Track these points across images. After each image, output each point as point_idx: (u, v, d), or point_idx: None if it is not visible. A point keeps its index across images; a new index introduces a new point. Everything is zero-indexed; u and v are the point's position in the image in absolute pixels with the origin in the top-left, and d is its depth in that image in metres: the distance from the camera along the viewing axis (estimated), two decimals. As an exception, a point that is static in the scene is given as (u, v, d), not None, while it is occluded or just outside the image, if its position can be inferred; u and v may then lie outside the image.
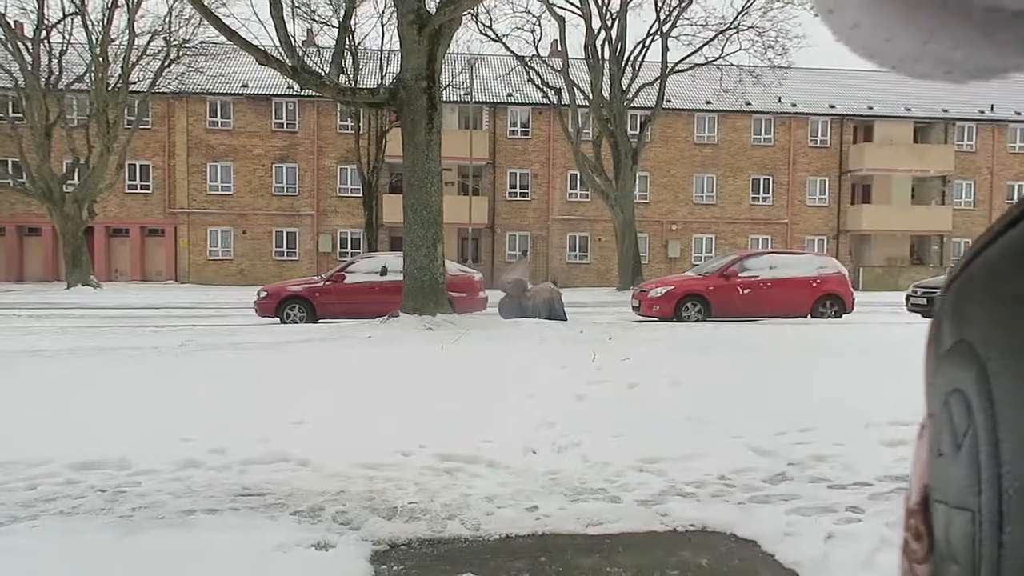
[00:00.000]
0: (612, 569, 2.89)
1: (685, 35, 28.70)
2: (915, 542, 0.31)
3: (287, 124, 34.30)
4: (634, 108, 29.07)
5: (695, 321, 13.80)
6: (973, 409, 0.21)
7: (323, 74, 12.86)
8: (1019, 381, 0.18)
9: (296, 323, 13.35)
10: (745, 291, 14.28)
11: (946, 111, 36.19)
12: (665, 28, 27.30)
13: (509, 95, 34.19)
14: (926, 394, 0.29)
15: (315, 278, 15.29)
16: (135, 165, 32.74)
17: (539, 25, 28.22)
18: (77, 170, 26.52)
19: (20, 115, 27.06)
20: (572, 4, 26.61)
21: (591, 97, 26.87)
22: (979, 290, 0.22)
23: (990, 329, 0.21)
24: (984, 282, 0.22)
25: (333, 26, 23.71)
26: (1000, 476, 0.19)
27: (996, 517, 0.19)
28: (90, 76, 26.22)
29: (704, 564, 2.95)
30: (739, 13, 27.34)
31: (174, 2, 26.57)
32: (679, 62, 28.21)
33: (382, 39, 30.87)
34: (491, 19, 27.51)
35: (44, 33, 25.89)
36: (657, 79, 27.27)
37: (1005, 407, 0.19)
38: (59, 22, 26.29)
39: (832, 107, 36.02)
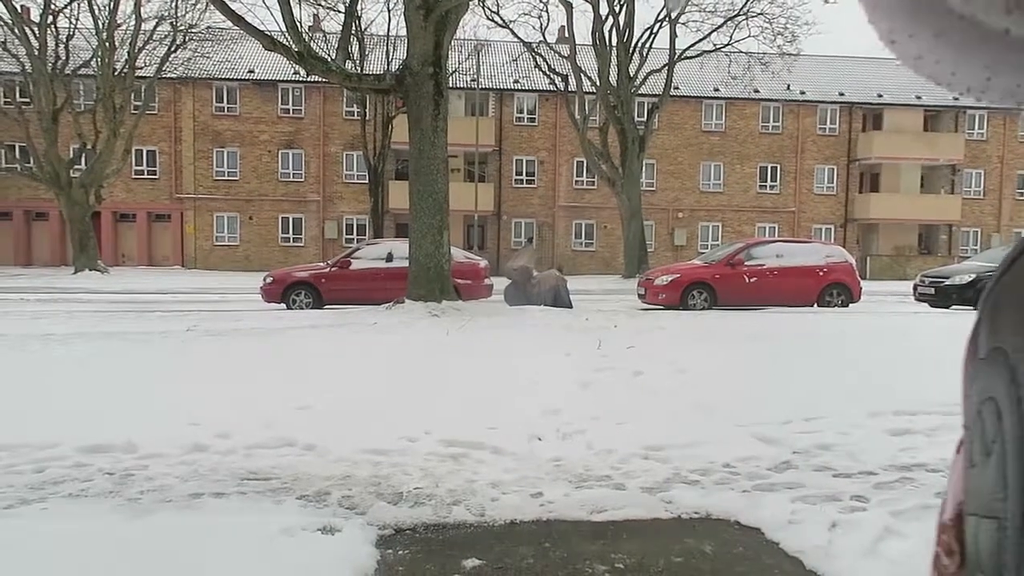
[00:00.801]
0: (616, 555, 2.90)
1: (693, 21, 28.45)
2: (947, 557, 0.30)
3: (293, 110, 34.25)
4: (641, 95, 28.91)
5: (701, 309, 13.76)
6: (1003, 416, 0.21)
7: (329, 60, 12.82)
8: None
9: (302, 309, 13.37)
10: (751, 280, 14.23)
11: (956, 99, 35.83)
12: (673, 14, 27.09)
13: (516, 81, 34.05)
14: (963, 405, 0.29)
15: (321, 264, 15.30)
16: (142, 150, 32.78)
17: (546, 11, 27.95)
18: (84, 155, 26.55)
19: (27, 100, 27.08)
20: (580, -10, 26.42)
21: (598, 84, 26.73)
22: (1013, 298, 0.23)
23: (1022, 336, 0.21)
24: (1018, 290, 0.22)
25: (339, 11, 23.59)
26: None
27: (1020, 523, 0.19)
28: (97, 61, 26.20)
29: (708, 551, 2.96)
30: (748, -1, 27.13)
31: (180, -13, 26.50)
32: (687, 49, 28.03)
33: (388, 24, 30.77)
34: (498, 5, 27.32)
35: (51, 18, 25.83)
36: (665, 66, 27.10)
37: None
38: (66, 7, 26.23)
39: (841, 95, 35.76)
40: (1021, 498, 0.19)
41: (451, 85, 17.39)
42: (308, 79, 30.66)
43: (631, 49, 27.21)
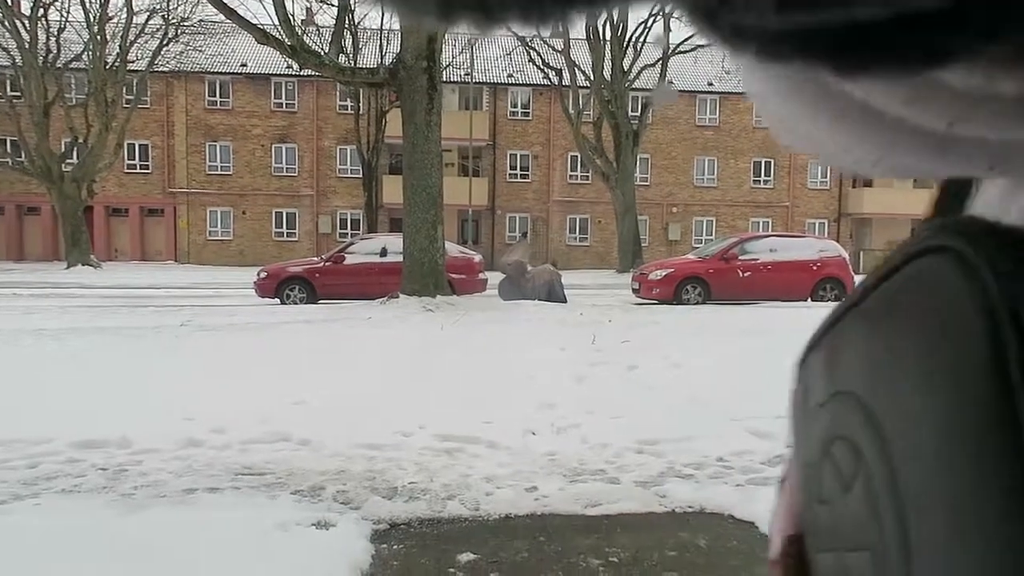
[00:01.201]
0: (610, 549, 2.91)
1: (688, 16, 28.42)
2: None
3: (286, 104, 34.10)
4: (635, 89, 28.89)
5: (695, 304, 13.79)
6: (862, 452, 0.22)
7: (322, 53, 12.76)
8: (907, 420, 0.20)
9: (296, 304, 13.35)
10: (745, 274, 14.27)
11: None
12: (668, 8, 27.03)
13: (510, 76, 33.98)
14: (796, 449, 0.30)
15: (315, 259, 15.27)
16: (134, 144, 32.59)
17: (540, 5, 27.92)
18: (76, 149, 26.40)
19: (18, 94, 26.89)
20: (574, -17, 26.34)
21: (592, 78, 26.71)
22: (858, 343, 0.25)
23: (873, 377, 0.22)
24: (862, 336, 0.24)
25: (333, 4, 23.46)
26: (902, 510, 0.20)
27: (903, 549, 0.20)
28: (88, 54, 26.02)
29: (702, 545, 2.97)
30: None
31: (172, -20, 26.36)
32: (681, 43, 28.01)
33: (382, 18, 30.60)
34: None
35: (42, 11, 25.65)
36: (659, 60, 27.09)
37: (897, 444, 0.20)
38: (56, -1, 26.09)
39: (835, 89, 35.81)
40: (898, 524, 0.20)
41: (445, 79, 17.30)
42: (301, 73, 30.50)
43: (625, 43, 27.18)
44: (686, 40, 28.05)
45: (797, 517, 0.33)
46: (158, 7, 26.76)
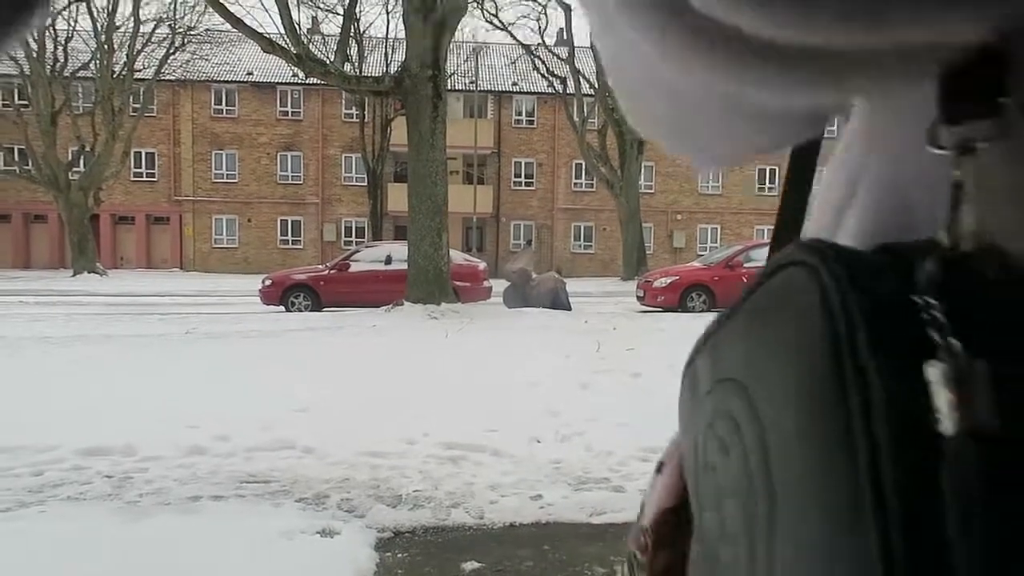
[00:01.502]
0: (615, 558, 2.90)
1: (692, 23, 28.48)
2: (641, 555, 0.42)
3: (292, 112, 34.24)
4: (640, 97, 28.94)
5: (700, 311, 13.77)
6: (739, 424, 0.27)
7: (328, 62, 12.83)
8: (773, 398, 0.25)
9: (301, 311, 13.37)
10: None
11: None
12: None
13: (514, 84, 34.08)
14: (686, 434, 0.35)
15: (320, 267, 15.30)
16: (140, 153, 32.75)
17: (545, 13, 28.10)
18: (83, 157, 26.54)
19: (26, 102, 27.06)
20: (578, -8, 26.47)
21: (597, 86, 26.77)
22: (738, 338, 0.29)
23: (749, 364, 0.27)
24: (741, 331, 0.29)
25: (338, 13, 23.65)
26: (768, 465, 0.25)
27: (769, 495, 0.25)
28: (95, 63, 26.20)
29: (707, 553, 2.95)
30: None
31: (179, -11, 26.56)
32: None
33: (387, 27, 30.84)
34: (496, 7, 27.38)
35: (49, 20, 25.82)
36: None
37: (766, 417, 0.25)
38: (64, 9, 26.25)
39: (839, 97, 35.80)
40: (765, 476, 0.25)
41: (450, 87, 17.37)
42: (307, 81, 30.70)
43: (629, 51, 27.23)
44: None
45: (676, 491, 0.41)
46: (165, 16, 26.97)
